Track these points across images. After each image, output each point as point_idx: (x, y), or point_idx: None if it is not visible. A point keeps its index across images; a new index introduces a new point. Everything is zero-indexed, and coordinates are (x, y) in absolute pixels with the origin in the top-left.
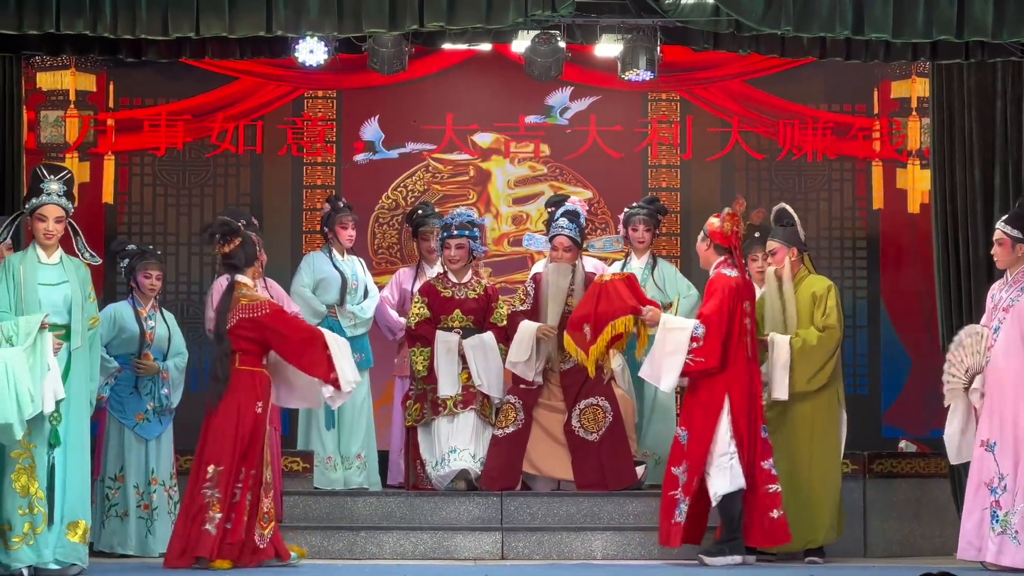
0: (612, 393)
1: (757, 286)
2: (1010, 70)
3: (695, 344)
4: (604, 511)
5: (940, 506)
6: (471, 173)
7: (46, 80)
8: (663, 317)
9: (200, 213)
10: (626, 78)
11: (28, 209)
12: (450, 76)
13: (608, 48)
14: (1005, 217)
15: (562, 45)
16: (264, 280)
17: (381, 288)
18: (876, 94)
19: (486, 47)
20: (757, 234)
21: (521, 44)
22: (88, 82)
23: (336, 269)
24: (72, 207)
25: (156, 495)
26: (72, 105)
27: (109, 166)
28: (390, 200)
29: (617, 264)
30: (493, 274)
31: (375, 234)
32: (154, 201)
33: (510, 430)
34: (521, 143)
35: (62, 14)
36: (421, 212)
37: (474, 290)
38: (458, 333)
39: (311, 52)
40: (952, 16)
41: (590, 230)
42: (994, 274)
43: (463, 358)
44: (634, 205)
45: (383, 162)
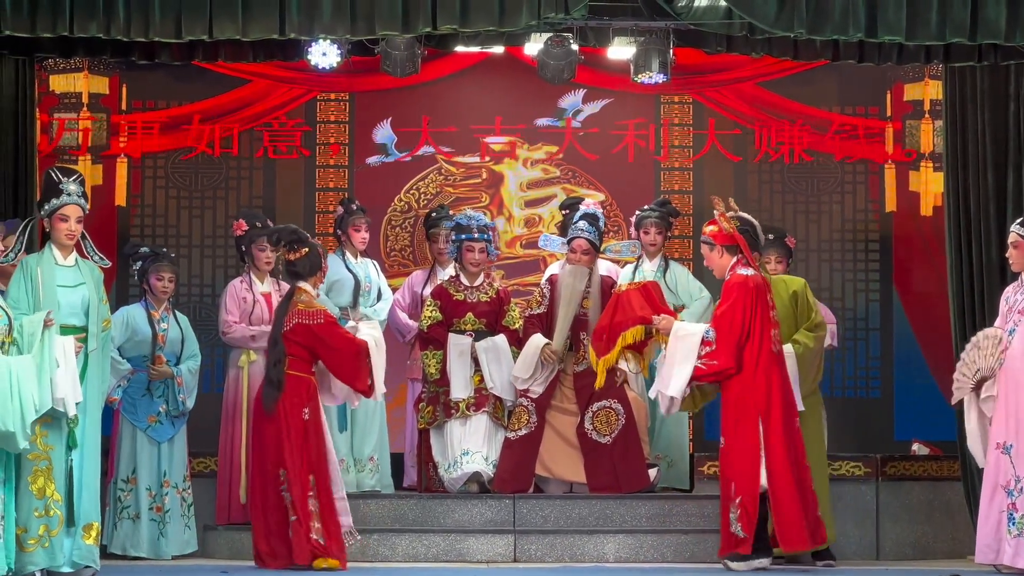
0: (625, 396)
1: None
2: (1023, 73)
3: (706, 348)
4: (616, 514)
5: (953, 509)
6: (484, 176)
7: (59, 83)
8: (675, 325)
9: (212, 216)
10: (639, 81)
11: (48, 210)
12: (463, 79)
13: (621, 51)
14: (1020, 219)
15: (575, 48)
16: (278, 284)
17: (395, 291)
18: (889, 96)
19: (499, 50)
20: (771, 236)
21: (534, 47)
22: (101, 85)
23: (349, 271)
24: (88, 208)
25: (168, 497)
26: (85, 108)
27: (122, 168)
28: (402, 203)
29: (629, 267)
30: (506, 276)
31: (388, 237)
32: (166, 203)
33: (523, 432)
34: (534, 146)
35: (75, 17)
36: (435, 215)
37: (486, 293)
38: (470, 336)
39: (324, 55)
40: (965, 18)
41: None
42: (1007, 276)
43: (475, 361)
44: (646, 208)
45: (395, 165)
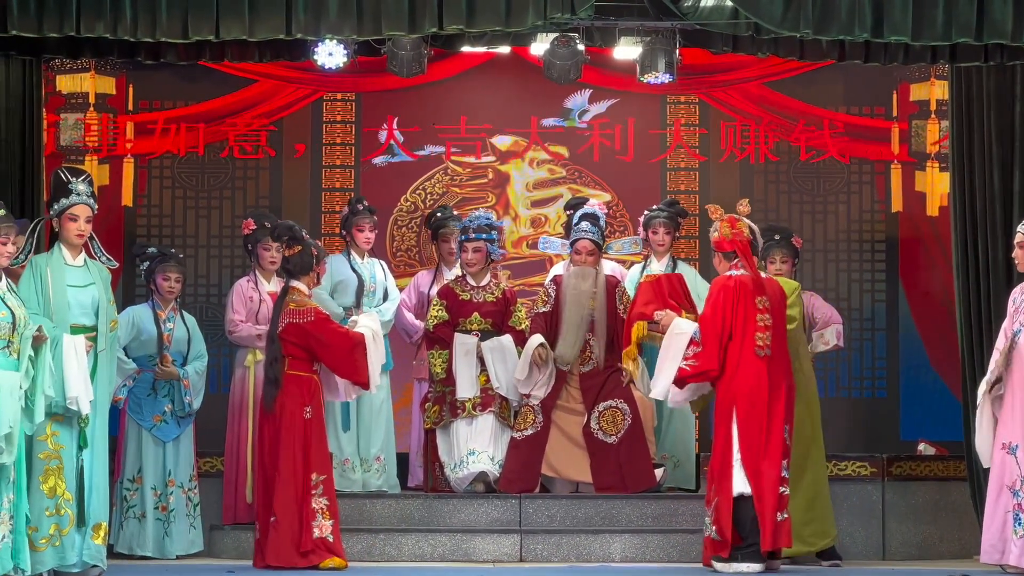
0: (631, 395)
1: None
2: None
3: (693, 348)
4: (623, 513)
5: (959, 509)
6: (490, 176)
7: (66, 83)
8: (674, 322)
9: (219, 216)
10: (645, 81)
11: (57, 209)
12: (469, 79)
13: (627, 51)
14: None
15: (581, 48)
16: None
17: (401, 291)
18: (895, 97)
19: (505, 50)
20: (778, 236)
21: (540, 47)
22: (108, 85)
23: (354, 271)
24: (96, 208)
25: (174, 497)
26: (92, 108)
27: (128, 169)
28: (408, 203)
29: (636, 268)
30: (512, 277)
31: (394, 237)
32: (173, 204)
33: (529, 432)
34: (540, 146)
35: (82, 17)
36: (440, 215)
37: (492, 293)
38: (476, 336)
39: (330, 55)
40: (972, 18)
41: (608, 233)
42: (1014, 277)
43: (481, 360)
44: (654, 208)
45: (402, 165)
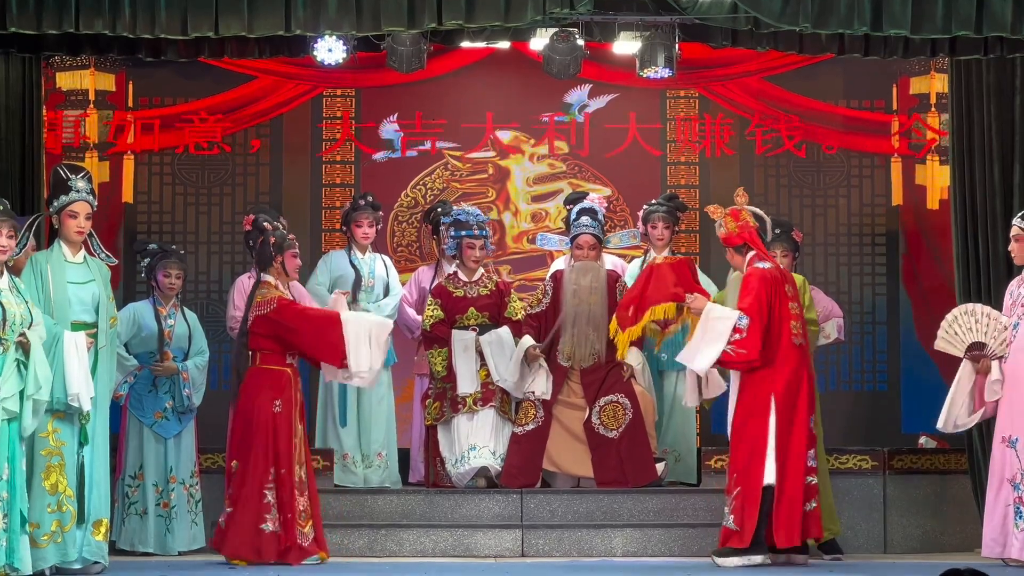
0: (632, 390)
1: None
2: None
3: (737, 335)
4: (624, 508)
5: (961, 502)
6: (490, 171)
7: (66, 80)
8: (708, 306)
9: (220, 212)
10: (644, 75)
11: (57, 207)
12: (468, 74)
13: (626, 46)
14: (1022, 213)
15: (580, 43)
16: None
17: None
18: (895, 90)
19: (504, 45)
20: (778, 230)
21: (539, 42)
22: (107, 82)
23: (352, 266)
24: (96, 205)
25: (175, 493)
26: (92, 105)
27: (128, 165)
28: (409, 198)
29: (636, 262)
30: (512, 272)
31: (394, 232)
32: (173, 200)
33: (530, 427)
34: (540, 141)
35: (81, 14)
36: (440, 210)
37: (486, 286)
38: (474, 331)
39: (330, 51)
40: (971, 12)
41: (608, 227)
42: (1013, 270)
43: (481, 355)
44: (653, 202)
45: (402, 160)
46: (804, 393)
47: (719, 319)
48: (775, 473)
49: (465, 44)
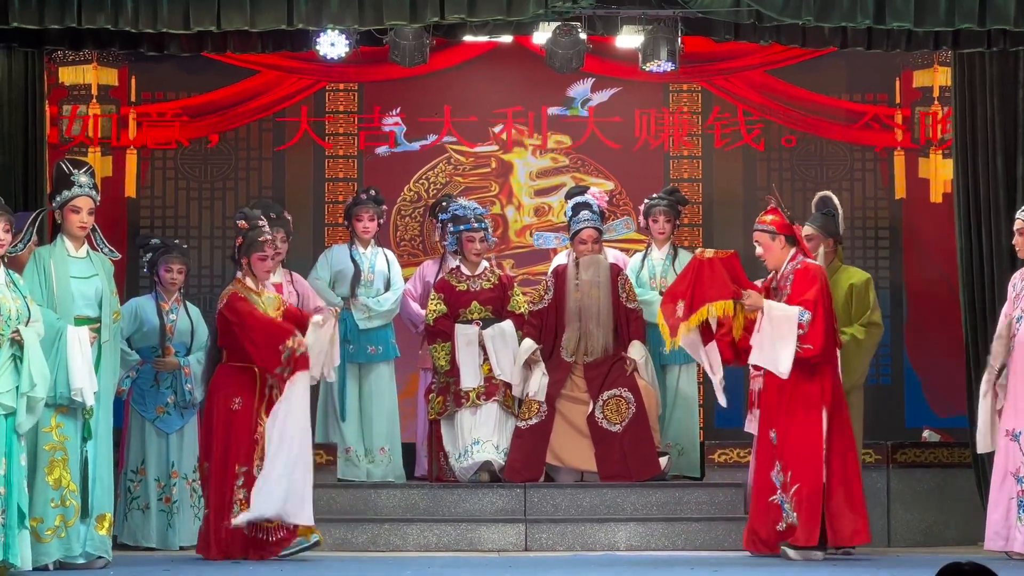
0: (635, 384)
1: None
2: None
3: (800, 331)
4: (627, 502)
5: (964, 496)
6: (493, 165)
7: (68, 75)
8: (766, 304)
9: (222, 207)
10: (647, 69)
11: (60, 201)
12: (471, 68)
13: (629, 39)
14: None
15: (583, 37)
16: (290, 274)
17: (406, 281)
18: (898, 83)
19: (507, 39)
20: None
21: (542, 36)
22: (110, 76)
23: (352, 261)
24: (99, 200)
25: (177, 488)
26: (94, 100)
27: (131, 160)
28: (412, 192)
29: (638, 256)
30: (515, 266)
31: (397, 226)
32: (176, 195)
33: (533, 421)
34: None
35: (84, 9)
36: (445, 204)
37: (488, 280)
38: (478, 325)
39: (332, 45)
40: (974, 5)
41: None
42: (1017, 263)
43: (484, 349)
44: (654, 196)
45: (405, 154)
46: (841, 391)
47: (785, 317)
48: (827, 471)
49: (468, 38)
